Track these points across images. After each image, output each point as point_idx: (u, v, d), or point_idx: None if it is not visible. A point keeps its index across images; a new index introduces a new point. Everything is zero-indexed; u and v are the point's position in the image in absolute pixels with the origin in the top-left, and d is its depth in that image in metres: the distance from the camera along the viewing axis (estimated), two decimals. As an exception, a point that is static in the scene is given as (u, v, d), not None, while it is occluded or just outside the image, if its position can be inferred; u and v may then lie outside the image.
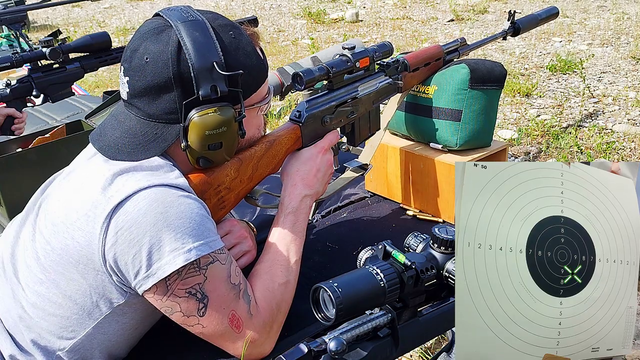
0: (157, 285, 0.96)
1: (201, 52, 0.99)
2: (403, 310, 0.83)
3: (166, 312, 1.00)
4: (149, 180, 0.97)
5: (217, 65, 0.99)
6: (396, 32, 5.91)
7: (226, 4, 8.27)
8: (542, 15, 1.94)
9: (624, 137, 3.14)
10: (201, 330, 1.01)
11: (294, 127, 1.24)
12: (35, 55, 2.09)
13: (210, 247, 0.99)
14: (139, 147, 1.03)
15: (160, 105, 1.02)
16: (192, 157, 1.05)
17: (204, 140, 1.02)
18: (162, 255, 0.95)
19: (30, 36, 4.70)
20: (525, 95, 3.79)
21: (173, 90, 1.00)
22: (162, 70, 0.99)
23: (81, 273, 0.98)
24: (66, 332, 1.02)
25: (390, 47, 1.41)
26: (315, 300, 0.78)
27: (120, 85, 1.06)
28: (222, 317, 1.01)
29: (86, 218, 0.96)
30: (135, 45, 1.02)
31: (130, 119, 1.05)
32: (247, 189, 1.18)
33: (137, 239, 0.94)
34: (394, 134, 1.69)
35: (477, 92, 1.50)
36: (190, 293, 0.98)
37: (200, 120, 1.00)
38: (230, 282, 1.01)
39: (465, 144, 1.52)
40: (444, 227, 0.87)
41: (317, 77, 1.24)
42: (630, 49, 4.58)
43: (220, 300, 1.00)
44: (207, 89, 0.99)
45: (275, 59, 5.24)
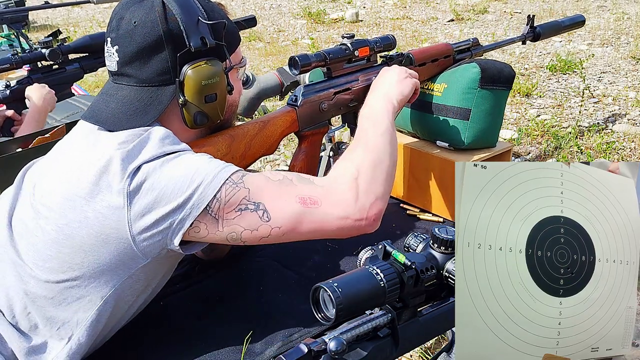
0: (199, 221, 0.98)
1: (185, 8, 1.05)
2: (403, 310, 0.83)
3: (234, 239, 1.01)
4: (162, 149, 1.00)
5: (201, 19, 1.06)
6: (396, 32, 5.91)
7: (226, 3, 8.26)
8: (565, 23, 1.90)
9: (624, 137, 3.14)
10: (280, 231, 1.01)
11: (289, 109, 1.27)
12: (35, 56, 2.10)
13: (233, 167, 1.01)
14: (136, 113, 1.05)
15: (152, 68, 1.05)
16: (189, 115, 1.09)
17: (200, 91, 1.07)
18: (192, 195, 0.97)
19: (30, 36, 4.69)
20: (525, 95, 3.79)
21: (164, 48, 1.04)
22: (152, 30, 1.04)
23: (103, 242, 0.98)
24: (84, 303, 1.02)
25: (392, 40, 1.42)
26: (315, 300, 0.78)
27: (108, 58, 1.09)
28: (290, 206, 1.01)
29: (108, 189, 0.97)
30: (120, 14, 1.06)
31: (122, 89, 1.07)
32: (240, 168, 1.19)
33: (161, 192, 0.97)
34: (399, 130, 1.69)
35: (487, 92, 1.50)
36: (242, 209, 0.99)
37: (196, 72, 1.06)
38: (273, 180, 1.03)
39: (472, 143, 1.52)
40: (444, 227, 0.87)
41: (313, 62, 1.25)
42: (630, 49, 4.58)
43: (276, 195, 1.01)
44: (197, 41, 1.05)
45: (275, 59, 5.24)
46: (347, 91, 1.35)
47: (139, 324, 1.15)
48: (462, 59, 1.60)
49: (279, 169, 2.90)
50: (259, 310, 1.21)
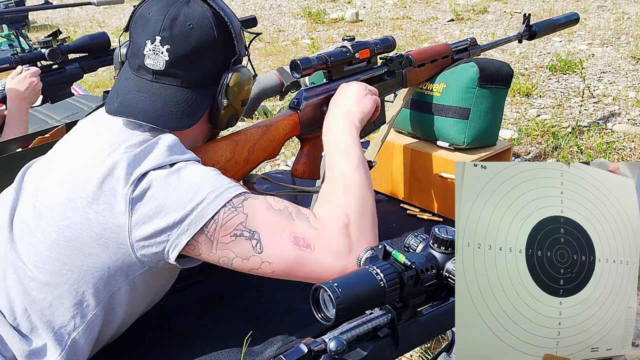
0: (195, 240, 0.97)
1: (231, 17, 1.11)
2: (403, 310, 0.83)
3: (225, 264, 1.01)
4: (168, 156, 1.01)
5: (242, 28, 1.12)
6: (396, 32, 5.91)
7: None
8: (561, 21, 1.92)
9: (624, 137, 3.14)
10: (270, 267, 1.00)
11: (292, 114, 1.27)
12: (35, 56, 2.09)
13: (237, 189, 1.01)
14: (185, 114, 1.06)
15: (200, 70, 1.08)
16: (226, 117, 1.12)
17: (242, 95, 1.12)
18: (192, 210, 0.97)
19: (30, 36, 4.70)
20: (525, 95, 3.79)
21: (214, 53, 1.08)
22: (207, 34, 1.06)
23: (102, 246, 0.98)
24: (81, 308, 1.01)
25: (392, 42, 1.42)
26: (315, 300, 0.78)
27: (151, 56, 1.05)
28: (284, 243, 0.99)
29: (112, 193, 0.97)
30: (171, 14, 1.05)
31: (166, 89, 1.07)
32: (243, 172, 1.19)
33: (163, 203, 0.97)
34: (399, 132, 1.69)
35: (486, 91, 1.50)
36: (237, 235, 0.98)
37: (241, 77, 1.10)
38: (273, 209, 1.02)
39: (472, 142, 1.52)
40: (444, 227, 0.87)
41: (315, 66, 1.25)
42: (630, 49, 4.58)
43: (272, 228, 1.00)
44: (242, 48, 1.13)
45: (275, 59, 5.24)
46: None
47: (139, 324, 1.15)
48: (460, 59, 1.60)
49: (279, 169, 2.90)
50: (259, 310, 1.21)
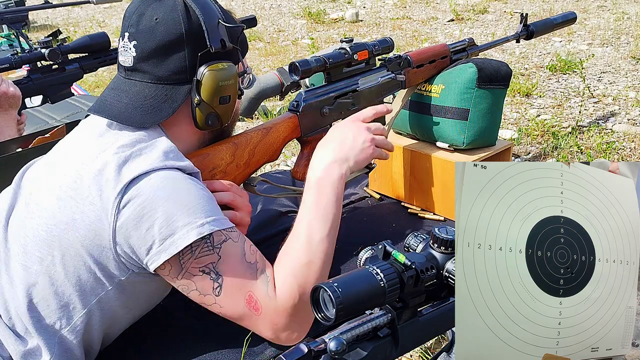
0: (170, 262, 0.97)
1: (206, 10, 1.05)
2: (403, 310, 0.83)
3: (183, 290, 1.01)
4: (161, 161, 0.99)
5: (221, 21, 1.06)
6: (396, 32, 5.91)
7: (226, 3, 8.27)
8: (558, 20, 1.92)
9: (624, 137, 3.14)
10: (220, 310, 1.01)
11: (291, 116, 1.27)
12: (34, 56, 2.09)
13: (222, 223, 1.00)
14: (151, 109, 1.04)
15: (170, 65, 1.05)
16: (202, 115, 1.08)
17: (216, 92, 1.07)
18: (175, 229, 0.95)
19: (30, 36, 4.70)
20: (525, 95, 3.79)
21: (184, 47, 1.05)
22: (174, 28, 1.04)
23: (86, 248, 0.98)
24: (67, 311, 1.01)
25: (391, 43, 1.42)
26: (315, 300, 0.78)
27: (123, 53, 1.08)
28: (238, 298, 1.00)
29: (99, 194, 0.96)
30: (140, 10, 1.05)
31: (135, 85, 1.07)
32: (244, 175, 1.18)
33: (150, 214, 0.95)
34: (398, 133, 1.69)
35: (484, 92, 1.50)
36: (204, 272, 0.98)
37: (214, 72, 1.06)
38: (245, 261, 1.01)
39: (472, 143, 1.52)
40: (444, 227, 0.87)
41: (314, 68, 1.25)
42: (630, 49, 4.58)
43: (235, 280, 1.00)
44: (217, 43, 1.05)
45: (275, 59, 5.24)
46: (347, 95, 1.35)
47: (139, 324, 1.15)
48: (459, 59, 1.61)
49: (279, 169, 2.90)
50: (259, 310, 1.21)
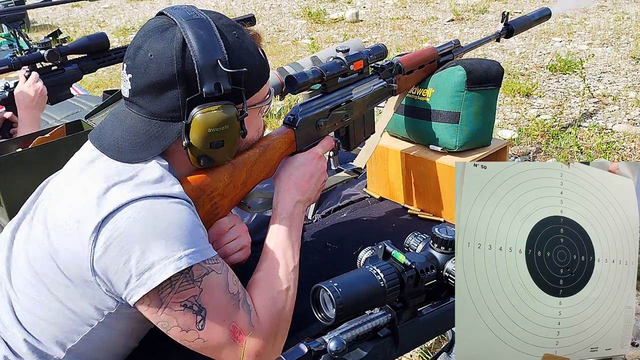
0: (149, 296, 0.94)
1: (205, 50, 0.98)
2: (403, 310, 0.83)
3: (163, 327, 0.98)
4: (142, 191, 0.96)
5: (220, 63, 0.99)
6: (396, 32, 5.91)
7: (226, 3, 8.27)
8: (534, 17, 1.95)
9: (624, 137, 3.14)
10: (202, 345, 0.99)
11: (287, 131, 1.23)
12: (34, 57, 2.09)
13: (202, 255, 0.96)
14: (140, 145, 1.02)
15: (163, 103, 1.01)
16: (193, 156, 1.04)
17: (206, 137, 1.01)
18: (152, 264, 0.93)
19: (30, 36, 4.70)
20: (525, 95, 3.79)
21: (176, 87, 0.99)
22: (166, 67, 0.98)
23: (70, 279, 0.97)
24: (61, 337, 1.01)
25: (384, 50, 1.40)
26: (315, 300, 0.78)
27: (122, 83, 1.06)
28: (223, 329, 0.98)
29: (77, 227, 0.95)
30: (138, 42, 1.01)
31: (131, 117, 1.04)
32: (240, 195, 1.15)
33: (127, 248, 0.92)
34: (394, 136, 1.69)
35: (475, 94, 1.50)
36: (186, 306, 0.96)
37: (203, 118, 0.99)
38: (228, 292, 0.99)
39: (464, 145, 1.52)
40: (444, 227, 0.87)
41: (311, 80, 1.23)
42: (630, 49, 4.58)
43: (219, 311, 0.98)
44: (210, 86, 0.99)
45: (275, 59, 5.24)
46: (341, 106, 1.33)
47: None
48: (446, 62, 1.60)
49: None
50: (259, 310, 1.21)
